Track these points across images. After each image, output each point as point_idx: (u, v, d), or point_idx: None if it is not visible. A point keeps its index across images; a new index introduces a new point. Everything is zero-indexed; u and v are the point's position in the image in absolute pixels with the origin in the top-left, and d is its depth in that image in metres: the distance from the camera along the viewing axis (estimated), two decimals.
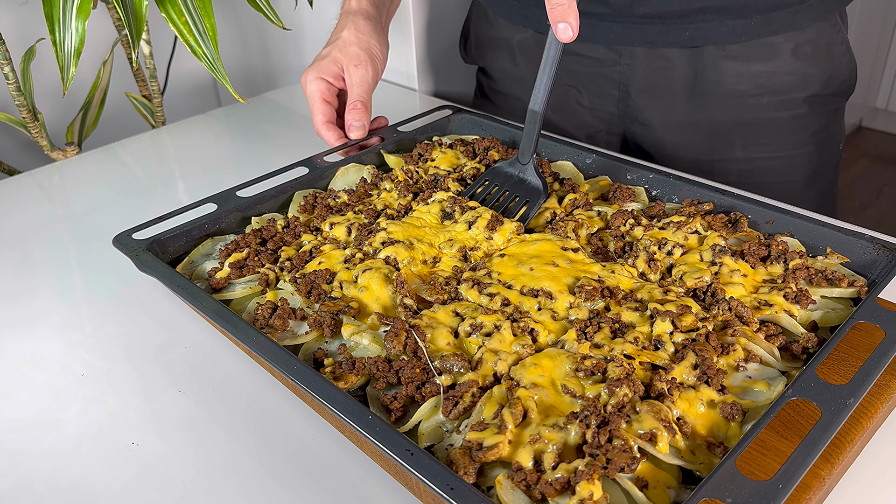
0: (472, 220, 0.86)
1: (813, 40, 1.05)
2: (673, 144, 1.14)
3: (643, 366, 0.63)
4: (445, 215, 0.89)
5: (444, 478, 0.53)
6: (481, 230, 0.84)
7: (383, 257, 0.81)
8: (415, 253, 0.82)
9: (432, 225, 0.88)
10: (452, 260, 0.82)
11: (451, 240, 0.85)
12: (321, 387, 0.62)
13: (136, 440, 0.69)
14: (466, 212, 0.87)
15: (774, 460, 0.58)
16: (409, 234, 0.85)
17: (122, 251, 0.81)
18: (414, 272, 0.81)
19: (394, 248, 0.82)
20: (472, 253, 0.83)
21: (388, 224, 0.86)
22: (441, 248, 0.84)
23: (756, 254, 0.77)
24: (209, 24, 1.08)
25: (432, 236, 0.86)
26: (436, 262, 0.83)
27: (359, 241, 0.86)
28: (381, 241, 0.83)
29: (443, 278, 0.79)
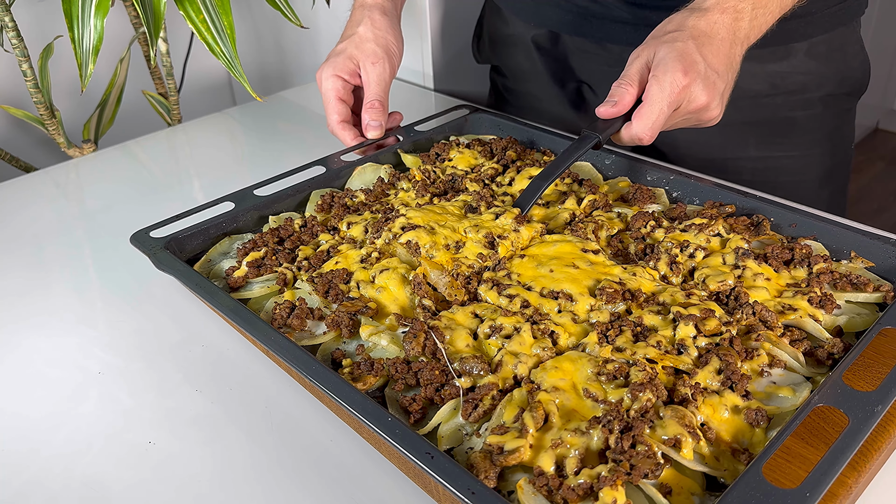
0: (501, 212, 0.84)
1: (827, 40, 1.04)
2: (687, 143, 1.13)
3: (666, 370, 0.63)
4: (470, 209, 0.87)
5: (465, 482, 0.52)
6: (510, 222, 0.82)
7: (404, 242, 0.79)
8: (437, 238, 0.79)
9: (454, 214, 0.86)
10: (477, 246, 0.80)
11: (476, 225, 0.82)
12: (340, 388, 0.61)
13: (151, 439, 0.68)
14: (492, 207, 0.86)
15: (800, 468, 0.57)
16: (429, 220, 0.82)
17: (139, 249, 0.81)
18: (435, 261, 0.77)
19: (415, 233, 0.79)
20: (501, 241, 0.80)
21: (407, 210, 0.84)
22: (466, 233, 0.81)
23: (779, 257, 0.76)
24: (227, 21, 1.07)
25: (455, 222, 0.83)
26: (459, 247, 0.80)
27: (377, 229, 0.83)
28: (401, 227, 0.81)
29: (463, 276, 0.77)
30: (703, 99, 0.80)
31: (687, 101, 0.80)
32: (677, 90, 0.78)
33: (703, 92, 0.79)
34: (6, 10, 1.16)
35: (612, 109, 0.83)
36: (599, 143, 0.86)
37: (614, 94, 0.83)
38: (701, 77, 0.79)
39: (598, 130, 0.85)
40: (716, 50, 0.81)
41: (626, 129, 0.83)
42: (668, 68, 0.78)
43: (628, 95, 0.82)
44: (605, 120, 0.84)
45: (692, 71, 0.78)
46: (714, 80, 0.80)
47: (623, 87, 0.82)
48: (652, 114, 0.79)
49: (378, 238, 0.82)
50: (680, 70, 0.78)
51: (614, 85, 0.83)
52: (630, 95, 0.82)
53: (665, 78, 0.78)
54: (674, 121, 0.83)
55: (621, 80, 0.83)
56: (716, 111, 0.83)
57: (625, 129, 0.84)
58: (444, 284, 0.76)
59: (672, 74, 0.78)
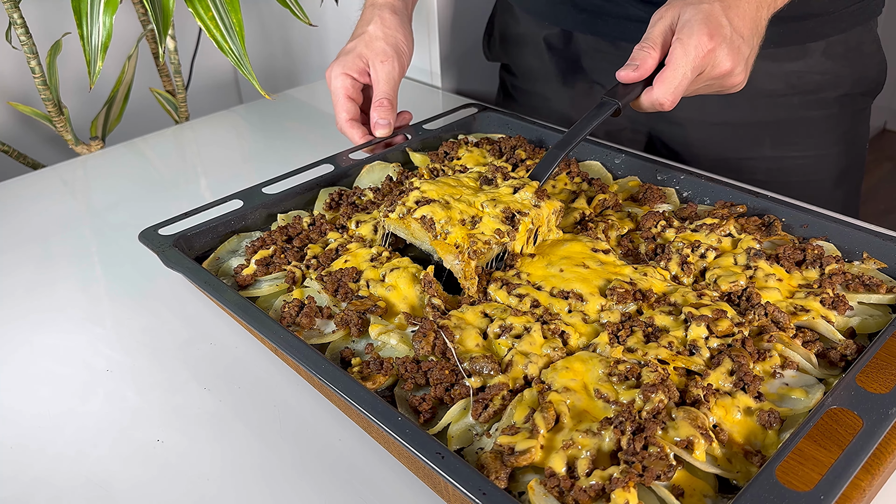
0: (519, 185, 0.80)
1: (844, 40, 1.04)
2: (701, 142, 1.12)
3: (678, 371, 0.62)
4: (485, 180, 0.84)
5: (476, 482, 0.52)
6: (529, 196, 0.79)
7: (418, 217, 0.76)
8: (452, 213, 0.76)
9: (470, 186, 0.82)
10: (495, 221, 0.76)
11: (494, 199, 0.78)
12: (349, 387, 0.61)
13: (159, 437, 0.68)
14: (510, 179, 0.82)
15: (814, 470, 0.56)
16: (444, 193, 0.79)
17: (148, 246, 0.81)
18: (451, 237, 0.74)
19: (429, 208, 0.76)
20: (521, 218, 0.77)
21: (421, 183, 0.81)
22: (483, 208, 0.78)
23: (791, 258, 0.76)
24: (236, 19, 1.07)
25: (471, 195, 0.79)
26: (475, 223, 0.77)
27: (390, 203, 0.80)
28: (415, 200, 0.78)
29: (482, 242, 0.73)
30: (727, 64, 0.77)
31: (711, 65, 0.77)
32: (702, 54, 0.75)
33: (727, 57, 0.77)
34: (14, 6, 1.16)
35: (633, 73, 0.79)
36: (619, 109, 0.81)
37: (636, 57, 0.79)
38: (726, 41, 0.76)
39: (617, 96, 0.81)
40: (742, 13, 0.78)
41: (647, 94, 0.80)
42: (693, 31, 0.75)
43: (650, 59, 0.79)
44: (626, 85, 0.81)
45: (718, 35, 0.76)
46: (739, 45, 0.78)
47: (645, 49, 0.79)
48: (675, 78, 0.77)
49: (392, 212, 0.79)
50: (705, 33, 0.75)
51: (636, 48, 0.80)
52: (652, 59, 0.79)
53: (690, 41, 0.75)
54: (696, 86, 0.80)
55: (643, 42, 0.80)
56: (740, 77, 0.80)
57: (645, 95, 0.81)
58: (458, 270, 0.74)
59: (697, 37, 0.75)
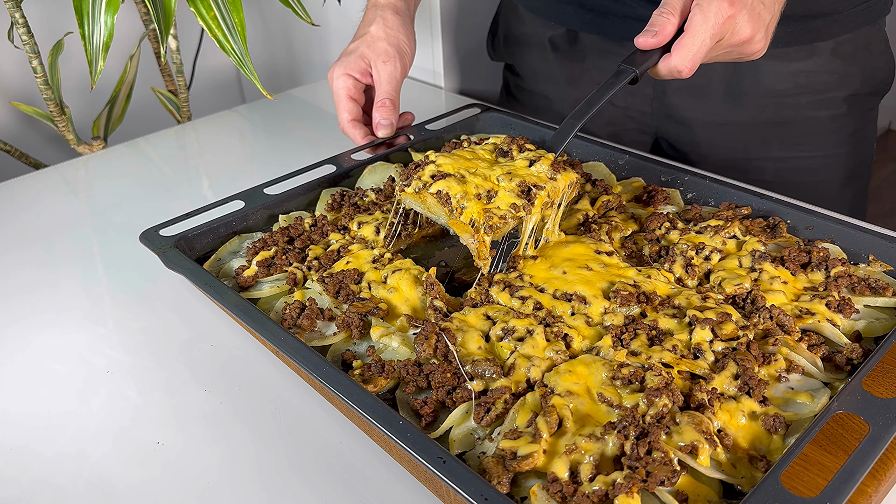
0: (535, 158, 0.79)
1: (852, 40, 1.03)
2: (709, 143, 1.12)
3: (682, 375, 0.62)
4: (500, 152, 0.83)
5: (478, 487, 0.51)
6: (545, 169, 0.78)
7: (434, 192, 0.76)
8: (467, 187, 0.75)
9: (485, 159, 0.81)
10: (510, 195, 0.76)
11: (509, 173, 0.78)
12: (350, 390, 0.60)
13: (160, 438, 0.68)
14: (525, 151, 0.81)
15: (819, 476, 0.56)
16: (459, 167, 0.78)
17: (149, 247, 0.81)
18: (466, 212, 0.73)
19: (445, 183, 0.75)
20: (537, 191, 0.76)
21: (436, 157, 0.80)
22: (499, 182, 0.77)
23: (796, 260, 0.75)
24: (238, 19, 1.07)
25: (487, 169, 0.79)
26: (491, 197, 0.76)
27: (406, 176, 0.79)
28: (431, 175, 0.78)
29: (497, 217, 0.73)
30: (747, 31, 0.76)
31: (731, 32, 0.76)
32: (722, 20, 0.74)
33: (747, 23, 0.75)
34: (17, 6, 1.15)
35: (651, 40, 0.78)
36: (636, 77, 0.80)
37: (655, 23, 0.78)
38: (747, 7, 0.75)
39: (634, 64, 0.79)
40: None
41: (665, 61, 0.78)
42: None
43: (669, 25, 0.77)
44: (643, 52, 0.79)
45: (739, 1, 0.74)
46: (760, 11, 0.76)
47: (665, 15, 0.77)
48: (693, 45, 0.75)
49: (408, 186, 0.79)
50: (726, 0, 0.73)
51: (655, 13, 0.78)
52: (672, 25, 0.77)
53: (710, 7, 0.74)
54: (715, 53, 0.79)
55: (662, 7, 0.78)
56: (759, 44, 0.79)
57: (663, 62, 0.79)
58: (474, 248, 0.74)
59: (717, 3, 0.73)
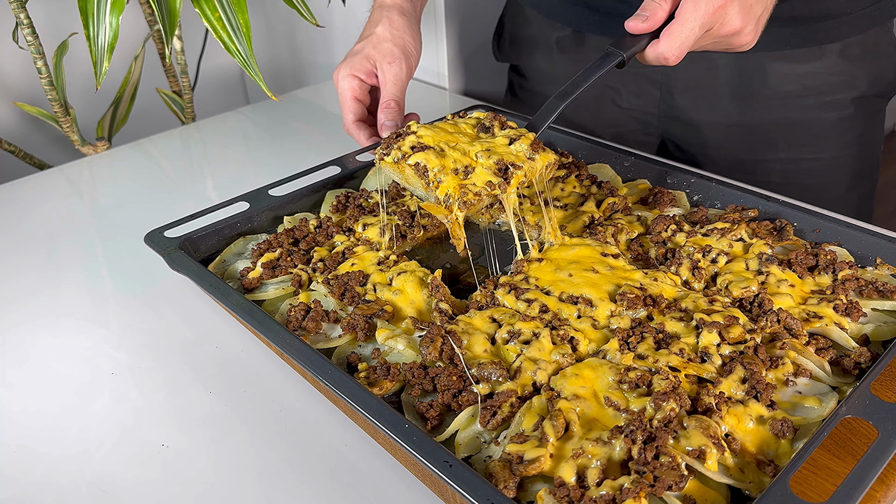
0: (515, 137, 0.80)
1: (861, 41, 1.03)
2: (715, 144, 1.11)
3: (689, 378, 0.61)
4: (482, 128, 0.83)
5: (484, 491, 0.51)
6: (524, 148, 0.79)
7: (412, 164, 0.77)
8: (445, 161, 0.77)
9: (467, 133, 0.82)
10: (487, 173, 0.76)
11: (488, 150, 0.78)
12: (356, 393, 0.60)
13: (163, 440, 0.68)
14: (507, 129, 0.82)
15: (828, 481, 0.56)
16: (440, 140, 0.79)
17: (153, 249, 0.80)
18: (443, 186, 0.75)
19: (424, 155, 0.77)
20: (514, 171, 0.77)
21: (418, 128, 0.81)
22: (477, 158, 0.78)
23: (804, 263, 0.75)
24: (243, 20, 1.07)
25: (467, 144, 0.80)
26: (468, 173, 0.77)
27: (387, 145, 0.81)
28: (411, 146, 0.79)
29: (472, 193, 0.74)
30: (737, 23, 0.76)
31: (720, 23, 0.76)
32: (712, 10, 0.74)
33: (738, 15, 0.75)
34: (21, 7, 1.15)
35: (641, 25, 0.78)
36: (623, 61, 0.80)
37: (647, 7, 0.78)
38: None
39: (623, 48, 0.79)
40: None
41: (653, 47, 0.79)
42: None
43: (661, 11, 0.77)
44: (633, 37, 0.79)
45: None
46: (752, 4, 0.76)
47: (657, 1, 0.77)
48: (682, 33, 0.75)
49: (388, 155, 0.79)
50: None
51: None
52: (663, 11, 0.77)
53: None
54: (703, 43, 0.79)
55: None
56: (748, 37, 0.78)
57: (650, 48, 0.79)
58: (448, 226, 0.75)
59: None
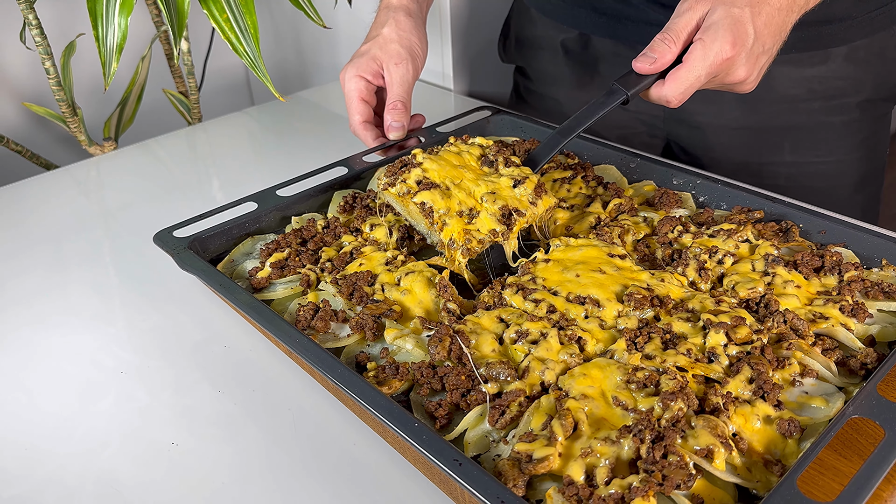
0: (520, 179, 0.80)
1: (867, 45, 1.03)
2: (721, 147, 1.12)
3: (696, 379, 0.62)
4: (486, 161, 0.83)
5: (494, 490, 0.51)
6: (528, 193, 0.79)
7: (418, 203, 0.76)
8: (451, 203, 0.76)
9: (472, 168, 0.81)
10: (491, 220, 0.77)
11: (493, 192, 0.78)
12: (365, 391, 0.60)
13: (172, 438, 0.68)
14: (511, 166, 0.81)
15: (834, 481, 0.56)
16: (446, 176, 0.79)
17: (162, 249, 0.81)
18: (447, 229, 0.75)
19: (430, 195, 0.76)
20: (517, 218, 0.77)
21: (424, 158, 0.80)
22: (482, 201, 0.78)
23: (809, 264, 0.75)
24: (251, 21, 1.07)
25: (472, 183, 0.79)
26: (472, 216, 0.77)
27: (391, 173, 0.80)
28: (416, 181, 0.78)
29: (476, 241, 0.75)
30: (741, 74, 0.77)
31: (725, 73, 0.77)
32: (720, 60, 0.75)
33: (744, 66, 0.76)
34: (30, 7, 1.16)
35: (648, 66, 0.78)
36: (627, 100, 0.80)
37: (655, 49, 0.78)
38: (746, 51, 0.75)
39: (628, 86, 0.79)
40: (769, 20, 0.77)
41: (657, 88, 0.79)
42: (717, 35, 0.74)
43: (669, 54, 0.78)
44: (638, 75, 0.80)
45: (740, 44, 0.74)
46: (758, 55, 0.77)
47: (666, 42, 0.78)
48: (688, 79, 0.76)
49: (392, 187, 0.79)
50: (729, 41, 0.74)
51: (657, 38, 0.78)
52: (671, 54, 0.78)
53: (712, 45, 0.74)
54: (706, 86, 0.80)
55: (665, 33, 0.78)
56: (750, 85, 0.80)
57: (655, 89, 0.79)
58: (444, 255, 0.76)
59: (720, 43, 0.74)
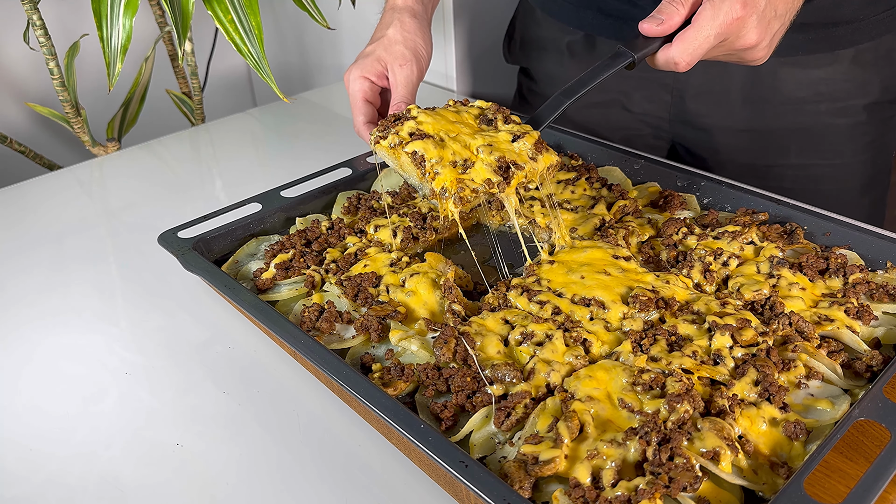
0: (519, 134, 0.76)
1: (874, 47, 1.03)
2: (727, 149, 1.11)
3: (702, 381, 0.62)
4: (484, 119, 0.80)
5: (500, 492, 0.51)
6: (528, 147, 0.75)
7: (410, 152, 0.73)
8: (445, 153, 0.72)
9: (469, 124, 0.78)
10: (487, 170, 0.73)
11: (490, 145, 0.74)
12: (370, 393, 0.60)
13: (177, 439, 0.68)
14: (510, 123, 0.78)
15: (841, 483, 0.56)
16: (440, 129, 0.75)
17: (167, 249, 0.81)
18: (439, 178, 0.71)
19: (422, 144, 0.73)
20: (515, 170, 0.73)
21: (418, 112, 0.77)
22: (477, 153, 0.74)
23: (814, 267, 0.75)
24: (255, 22, 1.07)
25: (468, 137, 0.76)
26: (467, 167, 0.73)
27: (384, 128, 0.77)
28: (409, 132, 0.75)
29: (470, 190, 0.70)
30: (753, 38, 0.75)
31: (736, 35, 0.75)
32: (730, 20, 0.73)
33: (755, 29, 0.74)
34: (34, 7, 1.16)
35: (656, 28, 0.76)
36: (633, 63, 0.78)
37: (663, 10, 0.76)
38: (758, 13, 0.74)
39: (635, 49, 0.77)
40: None
41: (664, 51, 0.77)
42: None
43: (677, 16, 0.76)
44: (645, 38, 0.77)
45: (751, 4, 0.73)
46: (770, 20, 0.75)
47: (674, 4, 0.76)
48: (696, 39, 0.74)
49: (384, 139, 0.76)
50: (739, 1, 0.72)
51: (665, 0, 0.77)
52: (679, 16, 0.76)
53: (722, 6, 0.72)
54: (715, 53, 0.78)
55: None
56: (762, 52, 0.78)
57: (662, 52, 0.77)
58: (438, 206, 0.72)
59: (730, 3, 0.72)
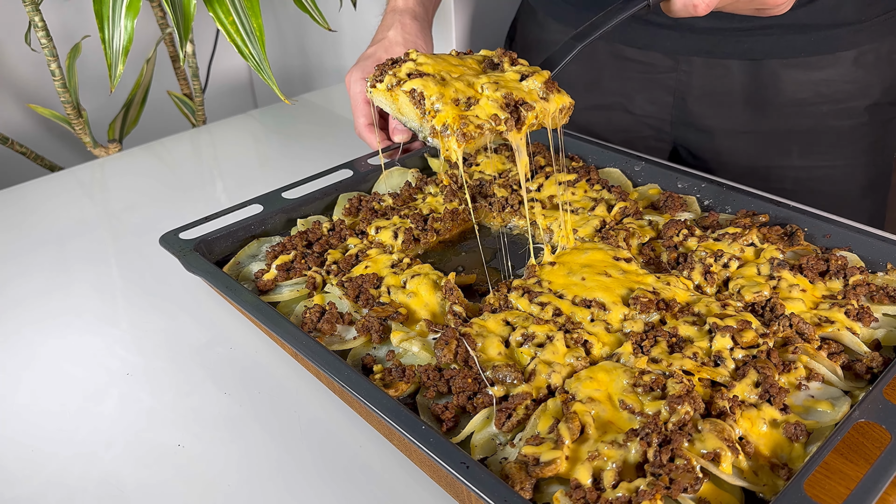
0: (528, 73, 0.72)
1: (875, 49, 1.03)
2: (729, 151, 1.12)
3: (703, 382, 0.62)
4: (490, 64, 0.75)
5: (501, 493, 0.51)
6: (537, 86, 0.71)
7: (408, 90, 0.69)
8: (446, 90, 0.67)
9: (473, 67, 0.74)
10: (493, 105, 0.68)
11: (496, 82, 0.70)
12: (372, 394, 0.61)
13: (178, 440, 0.68)
14: (518, 65, 0.74)
15: (841, 484, 0.56)
16: (441, 69, 0.71)
17: (169, 251, 0.81)
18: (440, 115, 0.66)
19: (421, 81, 0.68)
20: (525, 110, 0.69)
21: (417, 55, 0.73)
22: (482, 90, 0.69)
23: (815, 268, 0.75)
24: (256, 24, 1.07)
25: (472, 76, 0.71)
26: (470, 104, 0.68)
27: (380, 72, 0.73)
28: (407, 72, 0.71)
29: (474, 126, 0.65)
30: None
31: None
32: None
33: None
34: (35, 9, 1.16)
35: None
36: (649, 5, 0.73)
37: None
38: None
39: None
40: None
41: None
42: None
43: None
44: None
45: None
46: None
47: None
48: None
49: (380, 82, 0.73)
50: None
51: None
52: None
53: None
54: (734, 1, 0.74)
55: None
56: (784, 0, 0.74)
57: None
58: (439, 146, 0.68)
59: None
